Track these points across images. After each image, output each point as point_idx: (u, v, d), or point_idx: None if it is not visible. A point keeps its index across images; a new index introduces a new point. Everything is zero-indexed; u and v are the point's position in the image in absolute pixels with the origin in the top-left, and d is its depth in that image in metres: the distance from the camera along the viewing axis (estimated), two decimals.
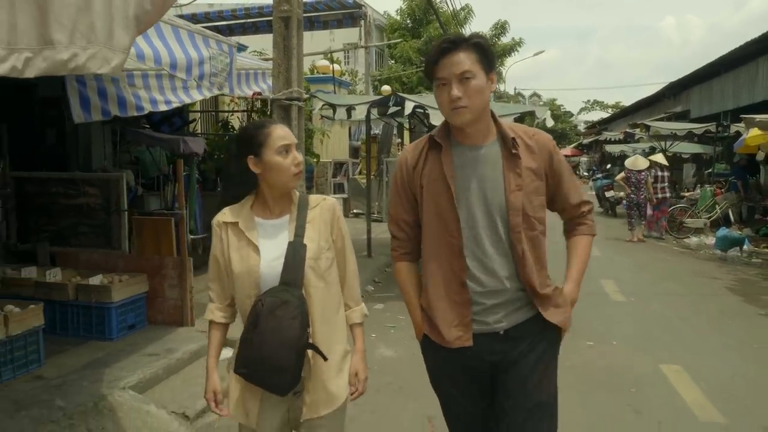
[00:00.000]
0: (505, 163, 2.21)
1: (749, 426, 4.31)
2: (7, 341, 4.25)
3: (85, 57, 2.11)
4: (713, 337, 6.46)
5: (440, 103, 2.20)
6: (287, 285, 2.19)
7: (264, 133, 2.23)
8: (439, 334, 2.28)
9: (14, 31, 2.07)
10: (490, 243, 2.21)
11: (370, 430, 4.17)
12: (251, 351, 2.15)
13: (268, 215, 2.31)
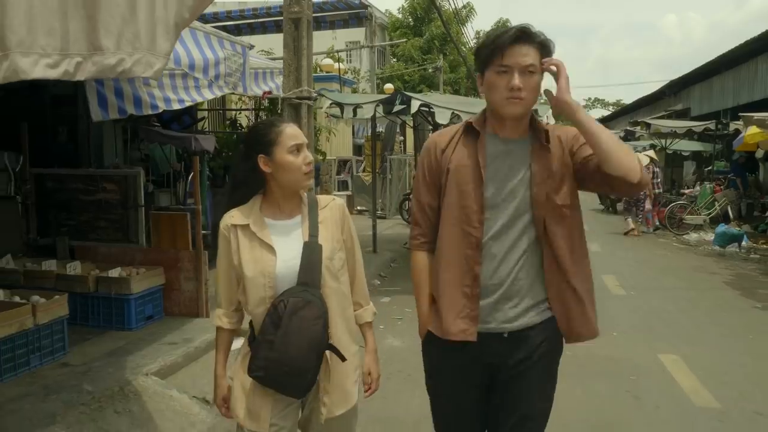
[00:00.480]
0: (536, 157, 2.18)
1: (742, 410, 4.52)
2: (34, 330, 4.45)
3: (131, 62, 2.32)
4: (710, 329, 6.67)
5: (495, 90, 2.12)
6: (306, 285, 2.16)
7: (275, 131, 2.20)
8: (442, 325, 2.22)
9: (66, 38, 2.27)
10: (510, 238, 2.17)
11: (382, 415, 4.37)
12: (271, 353, 2.10)
13: (278, 216, 2.27)
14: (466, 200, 2.18)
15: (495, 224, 2.17)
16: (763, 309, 7.66)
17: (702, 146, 19.81)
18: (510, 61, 2.07)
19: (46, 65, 2.24)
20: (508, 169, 2.18)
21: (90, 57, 2.30)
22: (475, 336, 2.17)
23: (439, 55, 29.43)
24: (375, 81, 20.91)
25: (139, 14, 2.33)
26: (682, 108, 24.48)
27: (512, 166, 2.18)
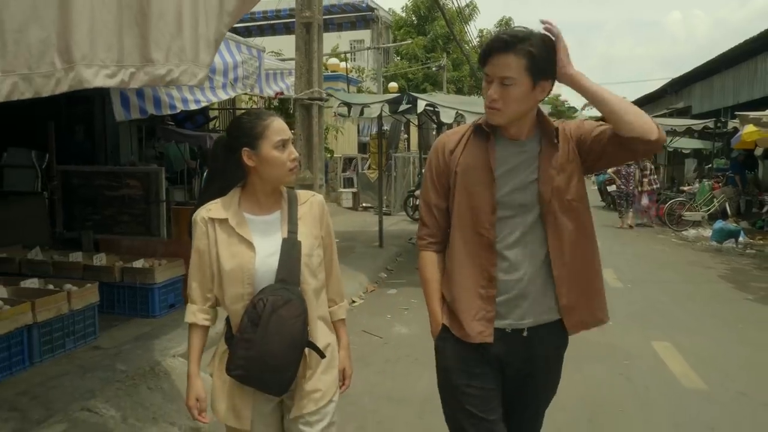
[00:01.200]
0: (543, 155, 2.18)
1: (727, 391, 4.85)
2: (69, 315, 4.80)
3: (178, 72, 2.66)
4: (703, 319, 7.00)
5: (484, 95, 2.15)
6: (284, 282, 2.12)
7: (262, 125, 2.14)
8: (461, 328, 2.22)
9: (122, 52, 2.62)
10: (523, 238, 2.18)
11: (392, 395, 4.70)
12: (249, 351, 2.07)
13: (257, 211, 2.23)
14: (477, 202, 2.18)
15: (507, 225, 2.17)
16: (755, 301, 8.00)
17: (702, 144, 20.11)
18: (489, 70, 2.09)
19: (105, 75, 2.58)
20: (516, 169, 2.18)
21: (142, 68, 2.64)
22: (492, 337, 2.18)
23: (442, 53, 29.70)
24: (381, 81, 21.18)
25: (184, 31, 2.67)
26: (684, 106, 24.71)
27: (520, 167, 2.18)
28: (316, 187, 7.11)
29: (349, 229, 13.08)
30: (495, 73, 2.07)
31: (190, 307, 2.29)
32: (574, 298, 2.21)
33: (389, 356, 5.58)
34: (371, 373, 5.09)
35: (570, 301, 2.20)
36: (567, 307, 2.21)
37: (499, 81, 2.06)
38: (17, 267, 5.97)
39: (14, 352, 4.33)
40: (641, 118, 2.05)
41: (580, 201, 2.22)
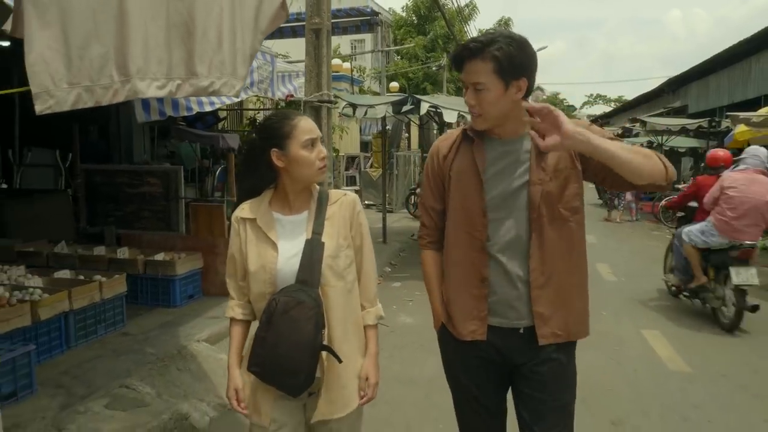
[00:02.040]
0: (533, 156, 2.16)
1: (710, 373, 5.24)
2: (101, 303, 5.19)
3: (219, 84, 3.03)
4: (691, 309, 7.37)
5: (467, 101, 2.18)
6: (303, 284, 2.13)
7: (290, 125, 2.15)
8: (455, 327, 2.29)
9: (170, 66, 2.99)
10: (512, 239, 2.18)
11: (400, 377, 5.08)
12: (264, 349, 2.10)
13: (287, 211, 2.25)
14: (469, 204, 2.22)
15: (499, 226, 2.18)
16: None
17: (698, 143, 20.48)
18: (463, 77, 2.14)
19: (156, 87, 2.96)
20: (507, 170, 2.19)
21: (188, 80, 3.02)
22: (485, 335, 2.22)
23: (442, 53, 30.03)
24: (385, 82, 21.53)
25: (224, 47, 3.05)
26: (680, 105, 25.06)
27: (511, 167, 2.18)
28: (325, 185, 7.49)
29: None
30: (468, 79, 2.12)
31: (230, 302, 2.34)
32: (550, 308, 2.19)
33: (396, 343, 5.96)
34: (380, 359, 5.41)
35: (545, 310, 2.19)
36: (540, 315, 2.19)
37: (472, 87, 2.11)
38: (45, 260, 6.35)
39: (53, 337, 4.72)
40: (653, 167, 2.01)
41: (573, 213, 2.20)
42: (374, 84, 28.73)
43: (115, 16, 2.88)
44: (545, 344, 2.20)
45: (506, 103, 2.11)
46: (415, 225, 13.97)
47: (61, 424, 3.60)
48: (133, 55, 2.90)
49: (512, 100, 2.10)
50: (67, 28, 2.79)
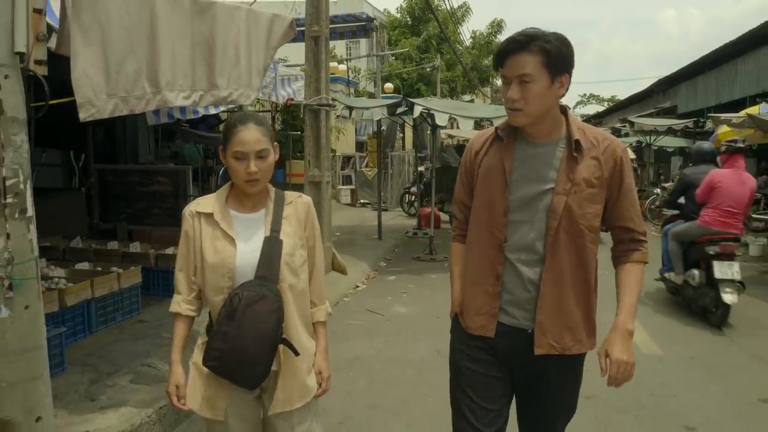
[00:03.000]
0: (563, 165, 2.16)
1: (680, 356, 5.71)
2: (119, 292, 5.62)
3: (236, 95, 3.48)
4: (668, 299, 7.86)
5: (504, 99, 2.17)
6: (263, 279, 2.17)
7: (231, 131, 2.19)
8: (465, 320, 2.35)
9: (194, 79, 3.44)
10: (529, 243, 2.19)
11: (395, 359, 5.53)
12: (224, 344, 2.12)
13: (242, 208, 2.29)
14: (492, 203, 2.23)
15: (518, 228, 2.20)
16: None
17: (686, 143, 20.99)
18: (506, 72, 2.11)
19: (182, 97, 3.41)
20: (534, 173, 2.19)
21: (209, 91, 3.47)
22: (494, 332, 2.26)
23: (436, 54, 30.43)
24: (380, 84, 21.98)
25: (241, 62, 3.49)
26: (670, 105, 25.46)
27: (539, 171, 2.19)
28: (324, 184, 7.94)
29: (350, 223, 13.93)
30: (512, 73, 2.09)
31: (176, 298, 2.36)
32: (550, 319, 2.20)
33: (391, 330, 6.41)
34: (377, 343, 5.93)
35: (545, 320, 2.20)
36: (540, 324, 2.20)
37: (517, 80, 2.07)
38: (61, 254, 6.77)
39: (78, 322, 5.15)
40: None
41: (590, 232, 2.20)
42: (369, 85, 29.19)
43: (147, 36, 3.33)
44: (543, 353, 2.21)
45: (550, 98, 2.11)
46: (409, 223, 14.44)
47: (93, 395, 4.04)
48: (162, 70, 3.35)
49: (555, 96, 2.12)
50: (106, 47, 3.23)
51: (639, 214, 2.30)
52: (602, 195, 2.20)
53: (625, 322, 2.26)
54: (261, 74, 3.57)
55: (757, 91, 15.77)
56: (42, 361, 3.10)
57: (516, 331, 2.25)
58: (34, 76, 3.02)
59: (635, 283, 2.32)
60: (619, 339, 2.25)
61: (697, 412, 4.48)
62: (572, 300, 2.23)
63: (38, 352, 3.07)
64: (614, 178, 2.20)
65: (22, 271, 2.97)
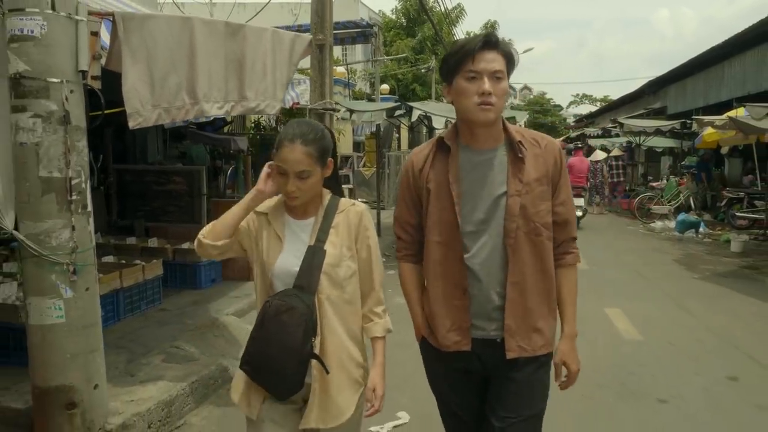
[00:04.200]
0: (511, 167, 2.19)
1: (659, 341, 6.24)
2: (143, 283, 6.10)
3: (263, 105, 3.97)
4: (651, 292, 8.41)
5: (465, 96, 2.14)
6: (300, 289, 2.14)
7: (280, 144, 2.15)
8: (437, 339, 2.31)
9: (227, 92, 3.94)
10: (491, 250, 2.20)
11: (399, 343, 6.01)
12: (255, 349, 2.14)
13: (295, 214, 2.27)
14: (447, 217, 2.22)
15: (477, 238, 2.20)
16: (699, 279, 9.42)
17: (675, 143, 21.55)
18: (479, 66, 2.10)
19: (217, 108, 3.90)
20: (484, 180, 2.21)
21: (239, 102, 3.96)
22: (470, 345, 2.24)
23: (431, 55, 30.85)
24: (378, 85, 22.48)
25: (267, 77, 3.99)
26: (660, 106, 25.93)
27: (488, 177, 2.21)
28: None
29: None
30: (486, 68, 2.10)
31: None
32: (518, 321, 2.23)
33: (394, 318, 6.77)
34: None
35: (513, 323, 2.22)
36: (509, 328, 2.22)
37: (490, 75, 2.10)
38: None
39: (108, 310, 5.62)
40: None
41: (545, 229, 2.24)
42: (365, 85, 29.64)
43: (187, 55, 3.82)
44: (513, 357, 2.23)
45: (506, 98, 2.20)
46: None
47: (132, 371, 4.53)
48: (200, 84, 3.85)
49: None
50: (151, 64, 3.73)
51: (574, 213, 2.37)
52: (549, 192, 2.25)
53: (573, 330, 2.38)
54: (284, 87, 4.06)
55: (743, 93, 16.28)
56: (98, 336, 3.60)
57: (486, 343, 2.25)
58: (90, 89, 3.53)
59: (574, 289, 2.37)
60: (571, 348, 2.37)
61: (670, 388, 4.99)
62: (536, 299, 2.25)
63: (95, 328, 3.57)
64: (555, 175, 2.26)
65: (84, 258, 3.47)
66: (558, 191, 2.27)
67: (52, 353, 3.40)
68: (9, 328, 4.60)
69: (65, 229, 3.37)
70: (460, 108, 2.19)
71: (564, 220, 2.30)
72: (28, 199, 3.32)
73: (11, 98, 3.29)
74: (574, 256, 2.36)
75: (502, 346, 2.23)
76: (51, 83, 3.26)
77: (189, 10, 11.70)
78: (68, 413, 3.46)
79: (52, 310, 3.37)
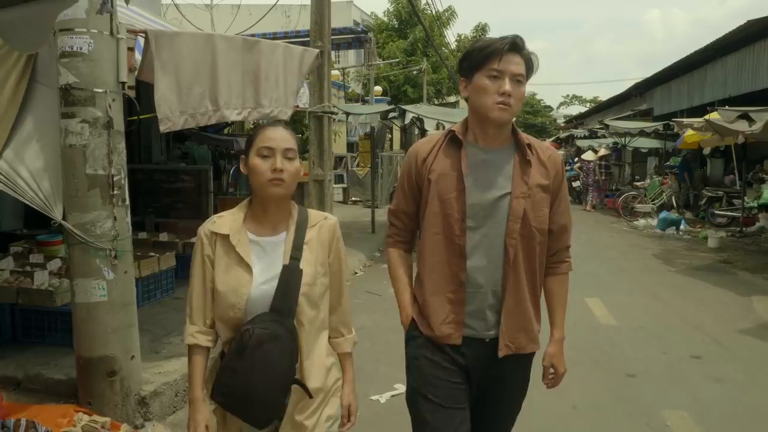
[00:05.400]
0: (516, 169, 2.21)
1: (631, 326, 6.82)
2: (159, 273, 6.62)
3: (277, 112, 4.50)
4: (629, 283, 8.99)
5: (485, 94, 2.15)
6: (278, 313, 2.01)
7: (257, 132, 2.05)
8: (430, 329, 2.28)
9: (244, 99, 4.47)
10: (488, 248, 2.21)
11: (393, 329, 6.55)
12: (233, 380, 2.00)
13: (261, 230, 2.09)
14: (449, 209, 2.21)
15: (477, 233, 2.20)
16: (675, 272, 10.01)
17: (659, 143, 22.20)
18: (503, 66, 2.12)
19: (236, 113, 4.44)
20: (489, 178, 2.21)
21: (255, 109, 4.49)
22: (461, 340, 2.24)
23: (422, 57, 31.31)
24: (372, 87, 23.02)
25: (279, 86, 4.52)
26: (647, 108, 26.54)
27: (493, 176, 2.22)
28: (327, 182, 8.97)
29: (344, 219, 14.96)
30: (510, 69, 2.14)
31: (190, 328, 2.15)
32: (509, 321, 2.25)
33: (387, 307, 7.44)
34: (377, 316, 6.98)
35: (507, 323, 2.25)
36: (503, 328, 2.25)
37: (512, 78, 2.14)
38: None
39: None
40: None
41: (541, 235, 2.26)
42: (358, 86, 30.14)
43: (209, 67, 4.35)
44: (504, 355, 2.25)
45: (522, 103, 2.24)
46: None
47: (156, 349, 5.06)
48: (221, 93, 4.38)
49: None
50: (179, 76, 4.26)
51: (571, 223, 2.42)
52: (548, 200, 2.28)
53: (562, 334, 2.44)
54: (295, 95, 4.59)
55: (724, 96, 16.89)
56: (134, 314, 4.13)
57: (475, 341, 2.26)
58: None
59: (565, 296, 2.47)
60: (560, 351, 2.44)
61: (638, 364, 5.57)
62: (527, 301, 2.29)
63: (132, 306, 4.10)
64: (556, 185, 2.30)
65: (123, 245, 4.00)
66: (558, 201, 2.32)
67: (96, 327, 3.93)
68: (45, 311, 5.11)
69: (108, 219, 3.91)
70: (478, 104, 2.20)
71: (562, 229, 2.36)
72: (76, 193, 3.85)
73: (61, 106, 3.81)
74: (567, 265, 2.45)
75: (492, 345, 2.26)
76: (96, 93, 3.78)
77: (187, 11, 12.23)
78: (109, 380, 3.99)
79: (96, 290, 3.89)
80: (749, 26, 14.00)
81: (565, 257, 2.43)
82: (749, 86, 15.18)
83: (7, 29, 3.00)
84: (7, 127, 3.94)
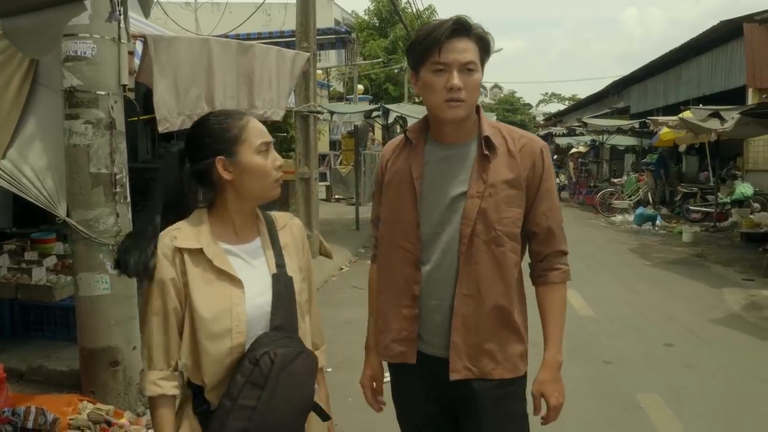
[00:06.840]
0: (476, 165, 1.92)
1: (608, 316, 7.12)
2: None
3: (270, 113, 4.71)
4: (606, 277, 9.30)
5: (433, 91, 1.88)
6: (283, 331, 1.72)
7: (238, 126, 1.71)
8: (384, 347, 2.07)
9: (239, 101, 4.67)
10: (445, 257, 1.94)
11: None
12: (250, 422, 1.61)
13: (233, 239, 1.76)
14: (402, 215, 1.99)
15: (434, 241, 1.95)
16: (651, 266, 10.36)
17: (636, 141, 22.66)
18: (447, 57, 1.84)
19: None
20: (447, 178, 1.96)
21: (249, 110, 4.69)
22: (415, 358, 2.00)
23: (403, 55, 31.54)
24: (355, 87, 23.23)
25: (272, 88, 4.73)
26: (624, 106, 27.06)
27: (451, 175, 1.95)
28: (312, 180, 9.18)
29: (328, 217, 15.18)
30: (457, 59, 1.84)
31: (150, 375, 1.70)
32: (465, 339, 1.94)
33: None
34: (364, 310, 7.03)
35: (460, 340, 1.94)
36: (455, 346, 1.94)
37: (460, 67, 1.85)
38: None
39: None
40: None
41: (510, 240, 1.95)
42: (339, 85, 30.30)
43: (205, 70, 4.55)
44: (457, 379, 1.94)
45: (479, 91, 1.95)
46: None
47: None
48: (216, 94, 4.58)
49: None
50: (176, 78, 4.45)
51: (560, 223, 2.08)
52: (522, 198, 1.96)
53: (555, 357, 2.03)
54: (287, 97, 4.79)
55: (698, 94, 17.35)
56: (135, 306, 4.30)
57: (433, 360, 1.99)
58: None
59: (559, 309, 2.07)
60: (552, 378, 2.02)
61: (614, 352, 5.86)
62: (491, 317, 1.95)
63: (134, 299, 4.28)
64: (533, 179, 1.97)
65: None
66: (539, 198, 1.98)
67: (99, 319, 4.10)
68: (44, 306, 5.27)
69: (111, 216, 4.09)
70: (428, 103, 1.93)
71: (547, 232, 2.03)
72: (80, 191, 4.02)
73: (65, 108, 3.99)
74: (560, 272, 2.07)
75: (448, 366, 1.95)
76: (99, 95, 3.96)
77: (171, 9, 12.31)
78: (112, 370, 4.16)
79: (99, 284, 4.07)
80: (722, 27, 14.43)
81: (555, 264, 2.06)
82: (722, 85, 15.62)
83: (20, 35, 3.16)
84: (10, 128, 4.09)
